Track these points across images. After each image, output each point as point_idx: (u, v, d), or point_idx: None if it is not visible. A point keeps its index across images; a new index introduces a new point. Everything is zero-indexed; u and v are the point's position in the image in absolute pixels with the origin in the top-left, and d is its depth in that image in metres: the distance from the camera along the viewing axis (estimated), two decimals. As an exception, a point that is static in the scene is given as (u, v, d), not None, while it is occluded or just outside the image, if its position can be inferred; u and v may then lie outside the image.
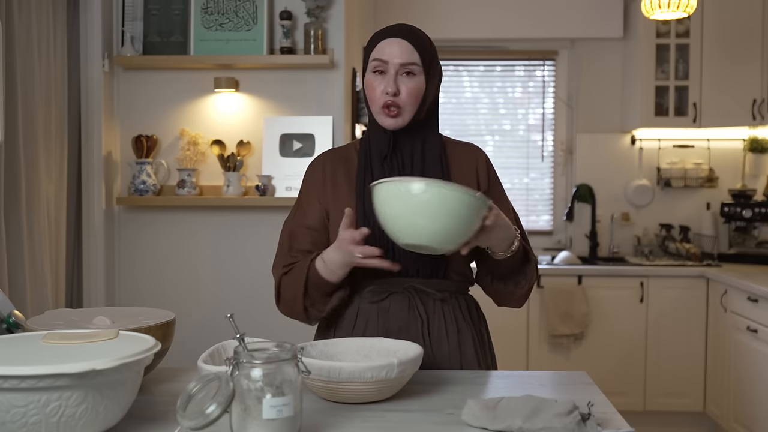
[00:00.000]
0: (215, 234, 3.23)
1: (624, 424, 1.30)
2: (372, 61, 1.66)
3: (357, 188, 1.70)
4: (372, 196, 1.51)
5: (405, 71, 1.64)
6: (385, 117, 1.66)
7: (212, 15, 3.14)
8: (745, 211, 4.54)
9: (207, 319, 3.14)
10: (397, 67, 1.64)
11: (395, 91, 1.63)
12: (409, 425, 1.30)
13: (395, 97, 1.64)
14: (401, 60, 1.63)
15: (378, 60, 1.65)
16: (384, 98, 1.64)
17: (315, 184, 1.76)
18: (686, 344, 4.27)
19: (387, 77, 1.64)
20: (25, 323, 1.53)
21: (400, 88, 1.64)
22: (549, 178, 5.00)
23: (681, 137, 4.80)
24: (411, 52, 1.64)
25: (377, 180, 1.51)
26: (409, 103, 1.65)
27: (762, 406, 3.59)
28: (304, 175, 1.81)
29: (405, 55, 1.63)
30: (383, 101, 1.64)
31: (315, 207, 1.74)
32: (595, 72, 4.89)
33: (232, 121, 3.22)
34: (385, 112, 1.65)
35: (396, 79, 1.64)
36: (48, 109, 2.81)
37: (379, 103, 1.66)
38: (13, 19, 2.55)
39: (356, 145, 1.79)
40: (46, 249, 2.76)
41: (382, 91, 1.65)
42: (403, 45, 1.64)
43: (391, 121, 1.66)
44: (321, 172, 1.76)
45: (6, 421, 1.11)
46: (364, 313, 1.70)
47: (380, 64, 1.64)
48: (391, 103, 1.64)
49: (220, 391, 1.14)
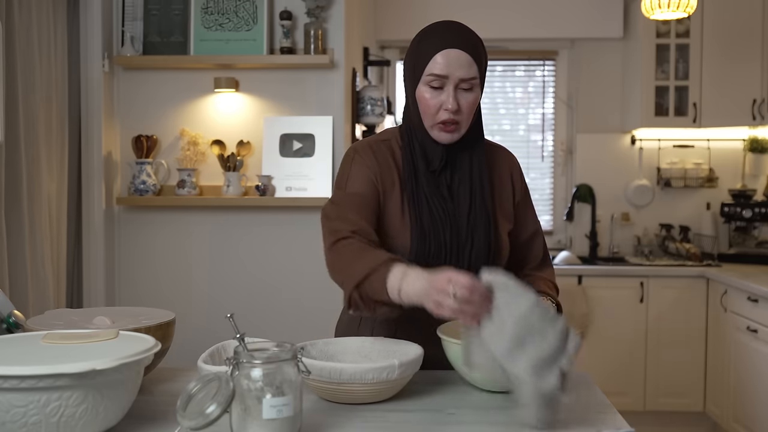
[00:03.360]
0: (215, 234, 3.23)
1: (624, 424, 1.30)
2: (427, 75, 1.58)
3: (405, 197, 1.64)
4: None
5: (464, 87, 1.59)
6: (440, 132, 1.60)
7: (212, 15, 3.14)
8: (745, 211, 4.54)
9: (207, 319, 3.14)
10: (457, 82, 1.57)
11: (456, 108, 1.58)
12: (409, 425, 1.30)
13: (456, 114, 1.59)
14: (462, 75, 1.57)
15: (435, 75, 1.57)
16: (444, 115, 1.58)
17: (369, 161, 1.65)
18: (686, 344, 4.27)
19: (446, 92, 1.58)
20: (25, 323, 1.53)
21: (460, 103, 1.58)
22: (549, 178, 5.00)
23: (681, 137, 4.80)
24: (470, 66, 1.58)
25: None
26: (466, 117, 1.61)
27: (762, 406, 3.59)
28: (351, 158, 1.68)
29: (465, 69, 1.57)
30: (443, 117, 1.58)
31: (367, 179, 1.63)
32: (595, 72, 4.89)
33: (232, 121, 3.22)
34: (441, 127, 1.60)
35: (456, 95, 1.58)
36: (49, 108, 2.81)
37: (436, 119, 1.60)
38: (13, 19, 2.55)
39: (397, 140, 1.70)
40: (48, 248, 2.76)
41: (440, 107, 1.58)
42: (462, 58, 1.57)
43: (447, 137, 1.61)
44: (372, 155, 1.66)
45: (6, 421, 1.10)
46: (407, 315, 1.54)
47: (438, 78, 1.57)
48: (451, 120, 1.59)
49: (220, 391, 1.14)
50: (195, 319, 3.13)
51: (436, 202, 1.62)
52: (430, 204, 1.62)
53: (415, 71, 1.62)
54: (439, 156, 1.64)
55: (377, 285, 1.41)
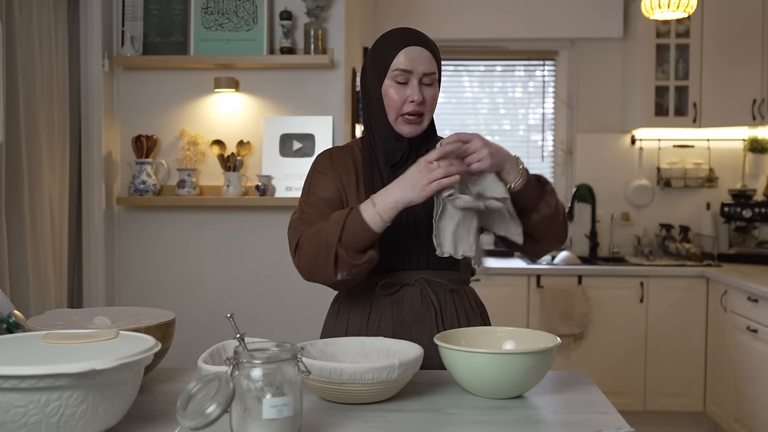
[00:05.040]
0: (215, 234, 3.23)
1: (624, 424, 1.30)
2: (393, 70, 1.67)
3: (366, 192, 1.71)
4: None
5: (426, 81, 1.68)
6: (404, 124, 1.69)
7: (212, 15, 3.14)
8: (745, 211, 4.54)
9: (207, 319, 3.14)
10: (421, 76, 1.67)
11: (422, 100, 1.67)
12: (409, 425, 1.30)
13: (420, 106, 1.67)
14: (424, 69, 1.67)
15: (400, 70, 1.66)
16: (410, 106, 1.67)
17: (326, 168, 1.76)
18: (686, 344, 4.27)
19: (411, 86, 1.67)
20: (25, 323, 1.53)
21: (424, 96, 1.68)
22: (549, 178, 4.99)
23: (681, 137, 4.80)
24: (431, 61, 1.68)
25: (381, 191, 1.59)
26: (429, 110, 1.70)
27: (762, 406, 3.59)
28: (311, 167, 1.80)
29: (426, 64, 1.67)
30: (408, 109, 1.67)
31: (329, 185, 1.73)
32: (595, 72, 4.89)
33: (232, 121, 3.22)
34: (406, 119, 1.68)
35: (420, 89, 1.67)
36: (49, 108, 2.81)
37: (400, 111, 1.68)
38: (14, 19, 2.55)
39: (358, 145, 1.81)
40: (49, 248, 2.76)
41: (405, 100, 1.67)
42: (423, 54, 1.67)
43: (410, 129, 1.70)
44: (330, 161, 1.77)
45: (6, 421, 1.10)
46: (377, 306, 1.73)
47: (403, 73, 1.66)
48: (416, 111, 1.67)
49: (220, 391, 1.14)
50: (195, 319, 3.14)
51: None
52: None
53: (380, 70, 1.70)
54: (402, 149, 1.72)
55: (355, 228, 1.55)
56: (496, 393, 1.43)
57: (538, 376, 1.44)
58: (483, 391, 1.44)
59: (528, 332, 1.55)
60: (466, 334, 1.55)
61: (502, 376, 1.39)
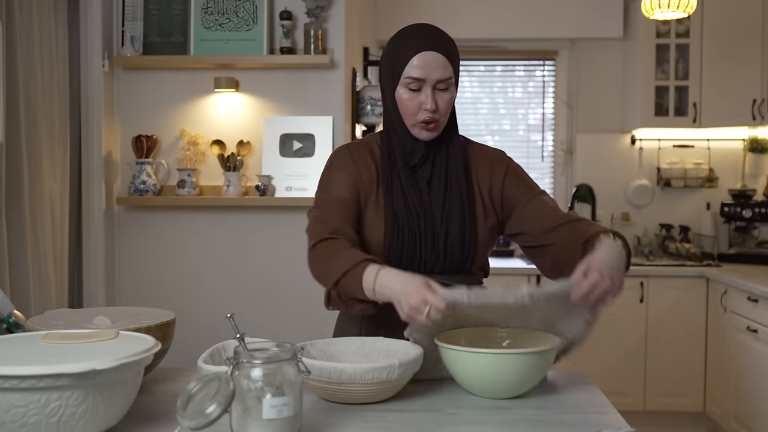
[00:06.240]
0: (215, 234, 3.23)
1: (624, 424, 1.30)
2: (405, 77, 1.64)
3: (384, 192, 1.69)
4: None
5: (441, 87, 1.64)
6: (421, 130, 1.67)
7: (212, 15, 3.14)
8: (745, 211, 4.54)
9: (207, 319, 3.14)
10: (434, 83, 1.63)
11: (435, 108, 1.64)
12: (409, 425, 1.30)
13: (434, 113, 1.65)
14: (438, 76, 1.63)
15: (413, 78, 1.63)
16: (424, 115, 1.64)
17: (344, 165, 1.72)
18: (686, 344, 4.27)
19: (424, 93, 1.63)
20: (26, 323, 1.53)
21: (437, 103, 1.64)
22: (549, 178, 5.00)
23: (681, 137, 4.80)
24: (446, 67, 1.64)
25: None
26: (444, 115, 1.67)
27: (762, 406, 3.59)
28: (329, 163, 1.75)
29: (441, 70, 1.63)
30: (423, 117, 1.65)
31: (346, 183, 1.69)
32: (595, 72, 4.89)
33: (232, 121, 3.22)
34: (422, 126, 1.66)
35: (434, 95, 1.64)
36: (50, 108, 2.81)
37: (416, 118, 1.66)
38: (14, 19, 2.55)
39: (377, 141, 1.77)
40: (50, 248, 2.76)
41: (419, 108, 1.64)
42: (438, 59, 1.63)
43: (427, 134, 1.67)
44: (349, 157, 1.73)
45: (6, 421, 1.11)
46: (390, 307, 1.64)
47: (416, 81, 1.63)
48: (431, 119, 1.65)
49: (220, 391, 1.14)
50: (195, 319, 3.14)
51: (412, 194, 1.68)
52: (406, 195, 1.68)
53: (393, 74, 1.67)
54: (420, 152, 1.69)
55: (353, 283, 1.49)
56: (496, 393, 1.44)
57: (538, 376, 1.44)
58: (483, 391, 1.44)
59: (528, 332, 1.55)
60: (466, 334, 1.55)
61: (502, 376, 1.40)
